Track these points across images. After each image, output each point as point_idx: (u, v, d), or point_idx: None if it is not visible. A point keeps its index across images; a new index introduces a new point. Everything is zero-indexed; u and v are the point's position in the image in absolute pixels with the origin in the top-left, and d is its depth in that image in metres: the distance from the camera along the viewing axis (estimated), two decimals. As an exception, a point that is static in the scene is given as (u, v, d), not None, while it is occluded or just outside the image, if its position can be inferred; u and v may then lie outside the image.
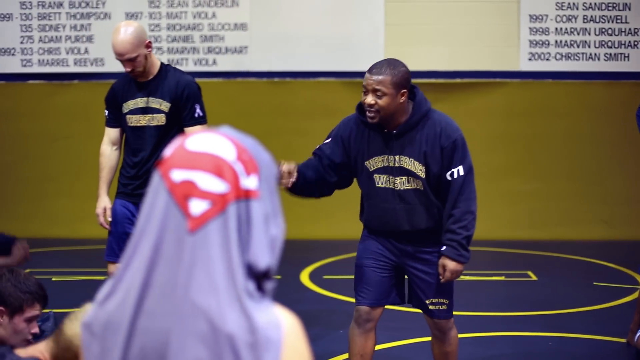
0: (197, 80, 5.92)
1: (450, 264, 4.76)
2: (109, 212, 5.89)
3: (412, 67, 10.18)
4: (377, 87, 4.67)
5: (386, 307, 5.01)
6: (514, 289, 8.18)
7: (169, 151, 1.73)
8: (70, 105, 10.50)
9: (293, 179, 4.74)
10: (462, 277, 8.36)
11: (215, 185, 1.67)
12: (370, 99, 4.69)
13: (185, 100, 5.72)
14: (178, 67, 7.52)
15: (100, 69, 10.43)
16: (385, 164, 4.81)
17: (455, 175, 4.76)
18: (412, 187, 4.79)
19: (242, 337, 1.63)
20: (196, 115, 5.75)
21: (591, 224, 10.52)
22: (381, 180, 4.83)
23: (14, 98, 10.60)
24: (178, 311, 1.64)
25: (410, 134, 4.78)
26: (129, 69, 5.64)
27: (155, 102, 5.74)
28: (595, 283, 8.35)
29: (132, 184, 5.86)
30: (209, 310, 1.63)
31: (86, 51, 10.46)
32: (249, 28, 10.42)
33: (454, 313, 5.02)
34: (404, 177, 4.78)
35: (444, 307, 4.92)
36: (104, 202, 5.90)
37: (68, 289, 8.03)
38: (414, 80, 4.85)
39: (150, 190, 1.71)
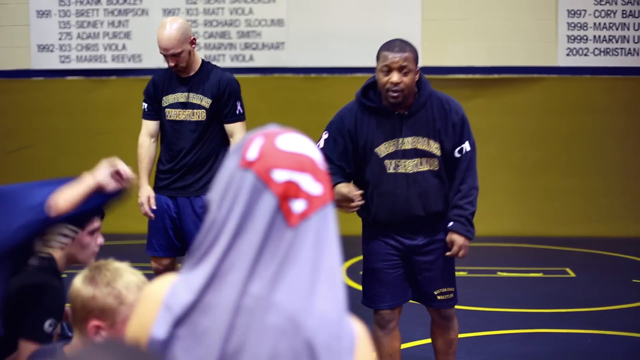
0: (234, 76, 6.01)
1: (459, 239, 4.75)
2: (152, 201, 5.96)
3: (449, 62, 10.23)
4: (404, 64, 4.62)
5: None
6: (552, 285, 8.13)
7: (255, 151, 1.72)
8: (108, 101, 10.57)
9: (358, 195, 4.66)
10: (500, 274, 8.37)
11: (314, 186, 1.71)
12: (396, 77, 4.60)
13: (227, 98, 5.84)
14: (215, 63, 7.46)
15: (138, 65, 10.48)
16: (396, 148, 4.71)
17: (464, 151, 4.77)
18: (427, 168, 4.73)
19: (323, 340, 1.65)
20: (237, 112, 5.88)
21: (629, 220, 10.44)
22: (392, 166, 4.73)
23: (52, 94, 10.69)
24: (268, 307, 1.66)
25: (421, 113, 4.72)
26: (172, 64, 5.75)
27: (196, 98, 5.86)
28: (634, 280, 8.28)
29: (169, 177, 5.98)
30: (293, 308, 1.65)
31: (124, 47, 10.52)
32: (285, 24, 10.43)
33: (495, 309, 5.01)
34: (417, 159, 4.72)
35: (451, 295, 4.91)
36: (147, 191, 5.97)
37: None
38: (451, 76, 4.83)
39: (242, 190, 1.70)
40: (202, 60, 5.96)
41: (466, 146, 4.78)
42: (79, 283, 2.77)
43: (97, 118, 10.59)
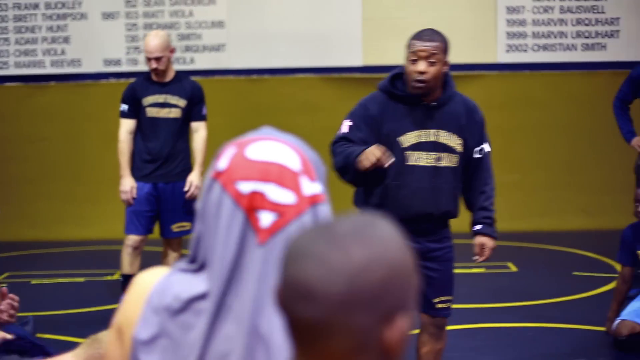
0: None
1: (489, 242, 4.71)
2: (134, 191, 7.02)
3: (390, 61, 10.26)
4: (433, 52, 4.51)
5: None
6: (495, 280, 8.21)
7: (225, 161, 1.67)
8: (47, 106, 10.47)
9: (389, 155, 4.46)
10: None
11: (284, 196, 1.63)
12: (422, 66, 4.50)
13: (197, 101, 7.11)
14: None
15: (77, 70, 10.39)
16: (420, 140, 4.60)
17: (484, 152, 4.72)
18: (446, 164, 4.62)
19: None
20: (202, 113, 7.16)
21: (570, 214, 10.56)
22: (413, 158, 4.59)
23: (-9, 101, 10.56)
24: (246, 324, 1.60)
25: (448, 106, 4.63)
26: (154, 66, 6.96)
27: (173, 99, 7.05)
28: (574, 273, 8.39)
29: (148, 167, 7.03)
30: (269, 336, 1.60)
31: (63, 52, 10.43)
32: (226, 25, 10.42)
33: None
34: (439, 154, 4.61)
35: (449, 304, 4.80)
36: (130, 182, 7.04)
37: (47, 292, 8.01)
38: (393, 74, 4.78)
39: (210, 199, 1.66)
40: (176, 71, 7.24)
41: (486, 147, 4.73)
42: None
43: (37, 124, 10.48)
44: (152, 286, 1.69)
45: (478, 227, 4.72)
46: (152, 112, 7.04)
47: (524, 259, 9.09)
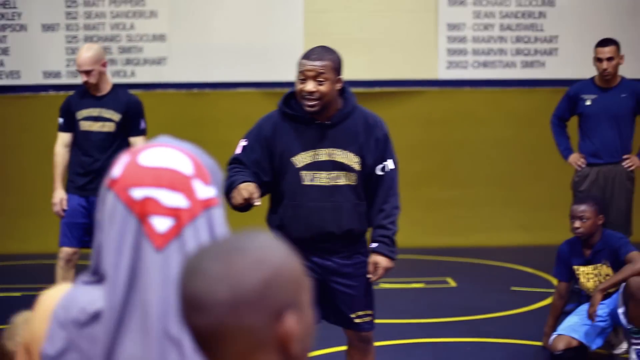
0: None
1: (384, 261, 4.61)
2: (64, 203, 7.02)
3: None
4: (321, 71, 4.45)
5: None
6: (433, 295, 8.25)
7: (119, 168, 1.68)
8: (-14, 118, 10.33)
9: (258, 195, 4.43)
10: (382, 285, 8.44)
11: (177, 200, 1.65)
12: (311, 86, 4.46)
13: (133, 115, 7.03)
14: None
15: (16, 82, 10.27)
16: (314, 159, 4.55)
17: (387, 169, 4.64)
18: (344, 182, 4.57)
19: None
20: (140, 128, 7.08)
21: (510, 229, 10.67)
22: (308, 177, 4.55)
23: None
24: (150, 330, 1.61)
25: (345, 124, 4.57)
26: (84, 79, 6.94)
27: (107, 113, 7.00)
28: (512, 288, 8.46)
29: (83, 180, 7.03)
30: (180, 338, 1.61)
31: (2, 64, 10.30)
32: (167, 39, 10.37)
33: (378, 321, 4.97)
34: (334, 173, 4.56)
35: (370, 318, 4.76)
36: (61, 194, 7.05)
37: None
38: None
39: (105, 208, 1.67)
40: (114, 84, 7.19)
41: (389, 164, 4.65)
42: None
43: (-26, 136, 10.33)
44: (57, 301, 1.69)
45: (374, 245, 4.65)
46: (85, 125, 7.02)
47: (463, 274, 9.15)
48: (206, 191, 1.68)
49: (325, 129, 4.57)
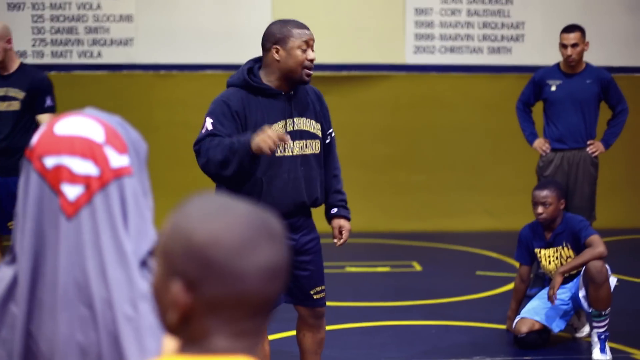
0: (82, 72, 6.50)
1: (347, 224, 4.78)
2: None
3: (298, 59, 10.28)
4: (313, 41, 4.67)
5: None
6: (399, 279, 8.29)
7: (35, 138, 1.70)
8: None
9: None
10: (348, 269, 8.47)
11: (87, 168, 1.66)
12: (313, 54, 4.64)
13: (38, 92, 6.86)
14: (62, 59, 8.14)
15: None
16: (287, 129, 4.58)
17: (333, 135, 4.82)
18: (311, 151, 4.66)
19: (127, 323, 1.63)
20: (46, 105, 6.91)
21: (475, 214, 10.73)
22: (281, 148, 4.56)
23: None
24: (64, 297, 1.62)
25: (301, 94, 4.69)
26: None
27: (13, 92, 6.85)
28: (478, 272, 8.52)
29: None
30: (92, 295, 1.62)
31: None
32: (134, 20, 10.31)
33: (344, 304, 4.99)
34: (303, 141, 4.63)
35: (324, 293, 4.83)
36: None
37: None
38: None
39: (22, 178, 1.68)
40: (21, 62, 7.04)
41: (332, 132, 4.82)
42: None
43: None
44: None
45: (334, 210, 4.78)
46: None
47: (428, 258, 9.20)
48: (119, 160, 1.69)
49: (289, 99, 4.65)
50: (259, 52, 4.84)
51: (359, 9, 10.48)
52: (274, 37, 4.66)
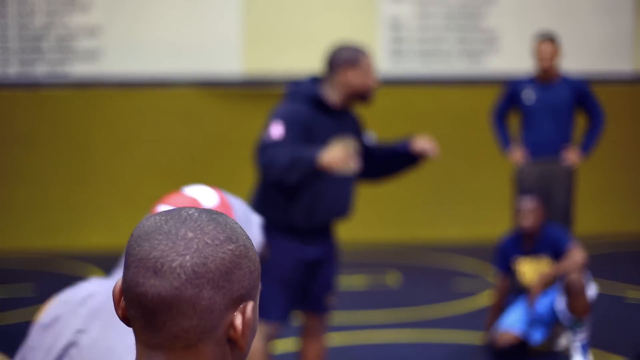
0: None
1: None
2: None
3: (269, 68, 10.20)
4: None
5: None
6: (375, 290, 8.20)
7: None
8: None
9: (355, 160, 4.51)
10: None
11: None
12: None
13: None
14: (30, 74, 7.59)
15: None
16: (350, 148, 4.59)
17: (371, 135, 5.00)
18: (358, 168, 4.77)
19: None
20: None
21: (451, 224, 10.67)
22: (345, 166, 4.53)
23: None
24: None
25: (350, 111, 4.81)
26: None
27: None
28: (454, 282, 8.45)
29: None
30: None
31: None
32: (103, 32, 10.19)
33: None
34: (356, 159, 4.66)
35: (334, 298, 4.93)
36: None
37: None
38: (274, 82, 4.75)
39: None
40: None
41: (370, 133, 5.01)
42: None
43: None
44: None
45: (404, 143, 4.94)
46: None
47: (404, 268, 9.13)
48: None
49: (343, 117, 4.74)
50: (228, 64, 4.76)
51: (331, 19, 10.42)
52: (346, 57, 4.69)
